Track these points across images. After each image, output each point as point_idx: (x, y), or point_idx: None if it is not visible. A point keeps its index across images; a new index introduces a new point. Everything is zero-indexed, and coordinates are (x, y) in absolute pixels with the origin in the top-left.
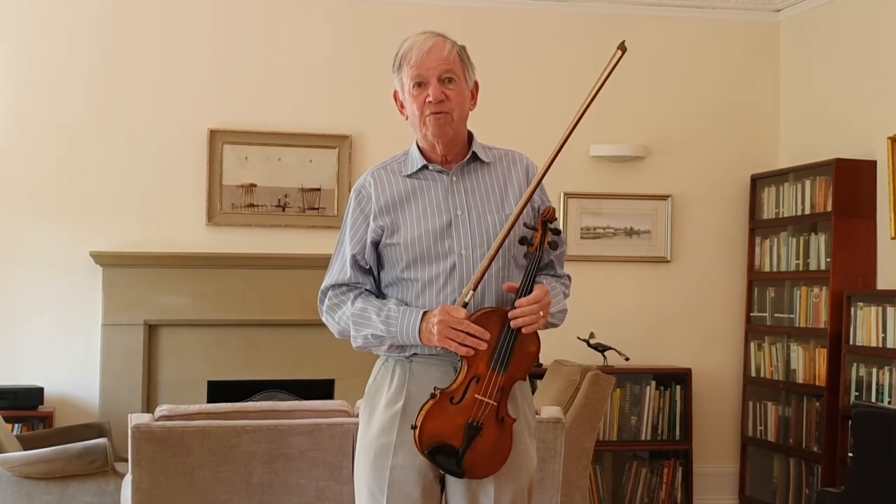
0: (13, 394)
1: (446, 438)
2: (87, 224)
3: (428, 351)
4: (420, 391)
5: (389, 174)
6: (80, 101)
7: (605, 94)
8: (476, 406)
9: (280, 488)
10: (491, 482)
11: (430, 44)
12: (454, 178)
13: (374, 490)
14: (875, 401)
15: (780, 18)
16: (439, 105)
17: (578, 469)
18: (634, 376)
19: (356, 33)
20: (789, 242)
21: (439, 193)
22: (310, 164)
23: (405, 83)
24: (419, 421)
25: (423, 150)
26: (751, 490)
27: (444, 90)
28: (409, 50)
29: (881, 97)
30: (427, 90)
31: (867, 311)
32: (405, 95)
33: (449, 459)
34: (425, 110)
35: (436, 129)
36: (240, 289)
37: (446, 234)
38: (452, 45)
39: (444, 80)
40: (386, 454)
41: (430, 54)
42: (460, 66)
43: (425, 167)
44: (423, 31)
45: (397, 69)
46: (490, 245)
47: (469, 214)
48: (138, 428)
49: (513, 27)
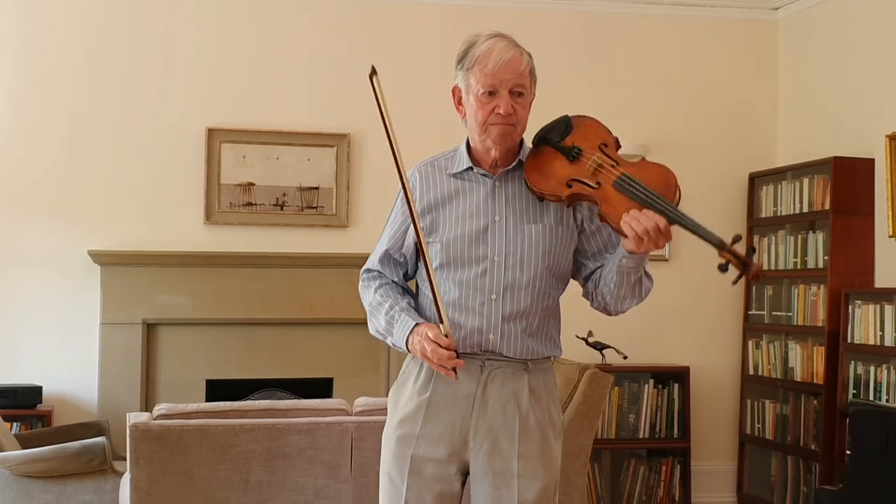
0: (12, 392)
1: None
2: (85, 223)
3: (458, 349)
4: (446, 387)
5: (436, 171)
6: (78, 99)
7: (605, 92)
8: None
9: (278, 487)
10: (514, 479)
11: (509, 55)
12: (497, 184)
13: (394, 477)
14: (873, 399)
15: (779, 17)
16: (507, 118)
17: (577, 467)
18: (633, 374)
19: (355, 31)
20: (787, 241)
21: (481, 197)
22: (308, 162)
23: (473, 86)
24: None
25: (473, 152)
26: (749, 488)
27: (513, 103)
28: (486, 54)
29: (879, 95)
30: (496, 100)
31: (865, 309)
32: (469, 97)
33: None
34: (491, 119)
35: (498, 139)
36: (238, 288)
37: (482, 238)
38: (528, 60)
39: (515, 93)
40: (408, 444)
41: (508, 66)
42: (530, 81)
43: (470, 168)
44: (497, 35)
45: (467, 68)
46: (524, 254)
47: (506, 221)
48: (137, 427)
49: (510, 26)
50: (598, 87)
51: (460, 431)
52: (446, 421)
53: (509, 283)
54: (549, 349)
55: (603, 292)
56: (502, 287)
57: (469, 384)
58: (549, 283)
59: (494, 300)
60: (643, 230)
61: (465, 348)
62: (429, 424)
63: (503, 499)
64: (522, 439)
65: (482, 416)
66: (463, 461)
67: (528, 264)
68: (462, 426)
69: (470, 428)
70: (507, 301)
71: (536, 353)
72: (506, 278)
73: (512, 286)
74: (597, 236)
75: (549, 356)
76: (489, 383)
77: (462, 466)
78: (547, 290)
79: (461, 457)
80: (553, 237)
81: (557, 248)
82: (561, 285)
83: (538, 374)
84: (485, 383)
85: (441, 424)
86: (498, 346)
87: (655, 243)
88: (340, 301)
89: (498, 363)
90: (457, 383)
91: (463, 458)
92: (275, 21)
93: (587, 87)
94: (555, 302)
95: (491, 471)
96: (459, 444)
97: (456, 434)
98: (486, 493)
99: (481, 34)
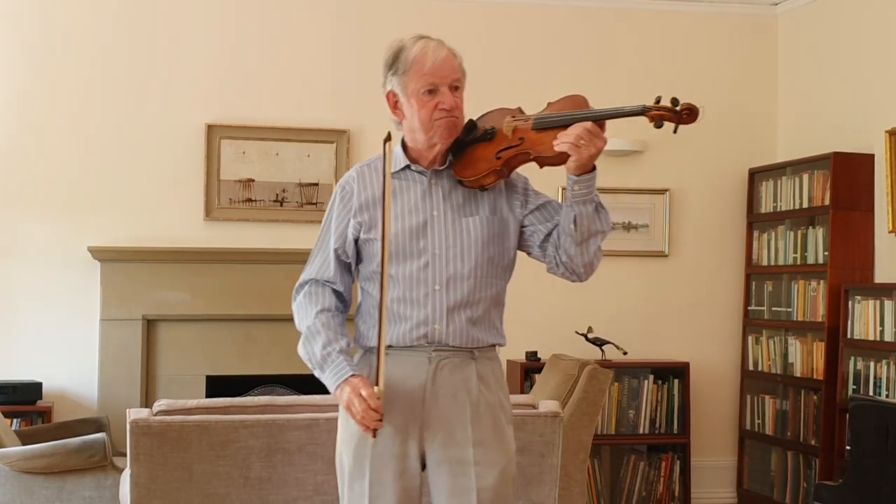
0: (12, 389)
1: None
2: (84, 219)
3: (405, 343)
4: (395, 382)
5: (373, 172)
6: (78, 96)
7: (604, 88)
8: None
9: (278, 482)
10: (471, 466)
11: (443, 53)
12: (433, 181)
13: (356, 476)
14: (873, 394)
15: (778, 12)
16: (451, 111)
17: (576, 463)
18: (632, 370)
19: (354, 28)
20: (787, 236)
21: (418, 194)
22: (308, 158)
23: (411, 87)
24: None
25: (410, 151)
26: (749, 483)
27: (454, 98)
28: (421, 56)
29: (879, 90)
30: (438, 97)
31: (865, 305)
32: (407, 98)
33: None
34: (436, 115)
35: (446, 132)
36: (238, 284)
37: (421, 233)
38: (459, 58)
39: (453, 88)
40: (366, 443)
41: (445, 63)
42: (463, 78)
43: (407, 167)
44: (424, 37)
45: (402, 72)
46: (464, 246)
47: (444, 216)
48: (137, 423)
49: (510, 22)
50: (597, 82)
51: (414, 423)
52: (400, 414)
53: (451, 274)
54: (493, 337)
55: (566, 246)
56: (445, 278)
57: (419, 376)
58: (491, 273)
59: (438, 291)
60: (575, 137)
61: (412, 341)
62: (383, 420)
63: (461, 486)
64: (475, 426)
65: (434, 407)
66: (421, 452)
67: (467, 255)
68: (415, 418)
69: (423, 419)
70: (450, 291)
71: (481, 342)
72: (448, 270)
73: (454, 277)
74: (541, 201)
75: (493, 344)
76: (438, 373)
77: (421, 459)
78: (489, 280)
79: (419, 448)
80: (490, 227)
81: (495, 237)
82: (503, 275)
83: (485, 362)
84: (434, 374)
85: (395, 419)
86: (444, 336)
87: (594, 144)
88: None
89: (445, 353)
90: (405, 379)
91: (421, 449)
92: (274, 17)
93: (585, 82)
94: (498, 291)
95: (447, 459)
96: (415, 436)
97: (410, 426)
98: (444, 481)
99: (405, 38)
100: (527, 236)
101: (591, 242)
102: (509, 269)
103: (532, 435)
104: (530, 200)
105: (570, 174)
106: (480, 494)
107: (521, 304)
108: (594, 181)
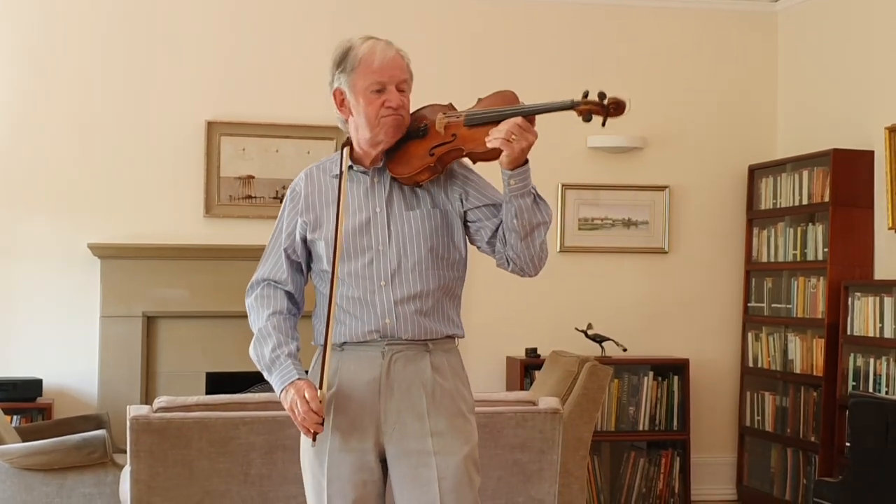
0: (12, 385)
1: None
2: (84, 216)
3: (358, 339)
4: (350, 378)
5: (321, 173)
6: (77, 93)
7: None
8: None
9: (278, 479)
10: (431, 457)
11: (391, 53)
12: (375, 179)
13: (316, 473)
14: (872, 390)
15: (778, 9)
16: (398, 110)
17: (576, 460)
18: (632, 367)
19: (353, 24)
20: (787, 233)
21: (360, 192)
22: (307, 155)
23: (359, 84)
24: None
25: (353, 152)
26: (748, 480)
27: (401, 97)
28: (369, 55)
29: (878, 87)
30: (384, 96)
31: (864, 301)
32: (356, 97)
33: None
34: (382, 113)
35: (391, 131)
36: (238, 280)
37: (364, 230)
38: (408, 59)
39: (401, 89)
40: (323, 439)
41: (393, 62)
42: (411, 79)
43: (350, 167)
44: (372, 38)
45: (350, 70)
46: (406, 241)
47: (386, 212)
48: (137, 419)
49: (508, 19)
50: (597, 79)
51: (371, 418)
52: (355, 410)
53: (395, 268)
54: (448, 328)
55: (511, 242)
56: (389, 273)
57: (373, 370)
58: (437, 265)
59: (384, 286)
60: (507, 132)
61: (364, 336)
62: (339, 416)
63: (422, 477)
64: (432, 416)
65: (389, 400)
66: (380, 447)
67: (410, 249)
68: (371, 412)
69: (380, 413)
70: (395, 286)
71: (434, 333)
72: (391, 265)
73: (398, 271)
74: (486, 201)
75: (449, 335)
76: (392, 367)
77: (380, 452)
78: (436, 272)
79: (377, 443)
80: (432, 221)
81: (437, 230)
82: (454, 266)
83: (440, 354)
84: (388, 367)
85: (350, 414)
86: (395, 330)
87: (525, 139)
88: None
89: (398, 346)
90: (359, 375)
91: (379, 443)
92: (274, 14)
93: (585, 79)
94: (447, 283)
95: (406, 452)
96: (373, 431)
97: (367, 421)
98: (405, 473)
99: (354, 38)
100: (472, 232)
101: (535, 235)
102: (461, 261)
103: (532, 431)
104: (471, 196)
105: (504, 169)
106: (441, 484)
107: (521, 302)
108: (528, 173)
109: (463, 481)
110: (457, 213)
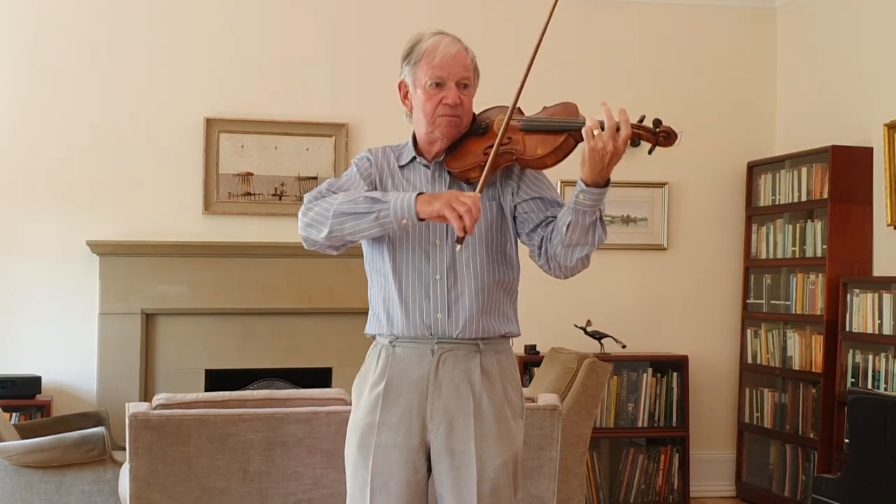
0: (11, 383)
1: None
2: (83, 213)
3: (409, 336)
4: (400, 374)
5: (386, 158)
6: (76, 90)
7: (603, 82)
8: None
9: (278, 476)
10: (473, 458)
11: (454, 49)
12: (436, 172)
13: (359, 467)
14: (871, 387)
15: (777, 6)
16: (455, 109)
17: (575, 456)
18: (631, 363)
19: (353, 21)
20: (786, 229)
21: (422, 183)
22: (306, 152)
23: (420, 78)
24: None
25: (418, 144)
26: (747, 476)
27: (460, 95)
28: (432, 48)
29: (877, 84)
30: (444, 91)
31: (863, 298)
32: (416, 89)
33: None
34: (439, 111)
35: (446, 129)
36: (237, 278)
37: (423, 223)
38: (472, 56)
39: (461, 85)
40: (371, 433)
41: (455, 59)
42: (474, 76)
43: (414, 159)
44: (441, 33)
45: (414, 63)
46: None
47: None
48: (136, 417)
49: (509, 14)
50: (596, 77)
51: (418, 415)
52: (403, 406)
53: (451, 263)
54: (503, 325)
55: (554, 242)
56: (445, 268)
57: (422, 367)
58: (493, 259)
59: (438, 280)
60: (602, 123)
61: (415, 331)
62: (387, 411)
63: (463, 477)
64: (478, 419)
65: (437, 399)
66: (426, 444)
67: (467, 243)
68: (419, 410)
69: (427, 411)
70: (450, 280)
71: (488, 331)
72: (448, 259)
73: (454, 265)
74: (536, 193)
75: (503, 334)
76: (441, 366)
77: (426, 450)
78: (491, 266)
79: (423, 440)
80: (488, 215)
81: (493, 224)
82: (508, 262)
83: (491, 354)
84: (437, 366)
85: (398, 410)
86: (447, 326)
87: (614, 140)
88: (339, 291)
89: (448, 345)
90: (410, 371)
91: (425, 441)
92: (273, 11)
93: (585, 77)
94: (503, 279)
95: (449, 451)
96: (419, 428)
97: (414, 418)
98: (447, 472)
99: (425, 33)
100: (518, 222)
101: (576, 250)
102: (513, 256)
103: (531, 428)
104: (523, 189)
105: (581, 180)
106: (480, 487)
107: (520, 299)
108: (602, 197)
109: (501, 485)
110: (508, 206)
